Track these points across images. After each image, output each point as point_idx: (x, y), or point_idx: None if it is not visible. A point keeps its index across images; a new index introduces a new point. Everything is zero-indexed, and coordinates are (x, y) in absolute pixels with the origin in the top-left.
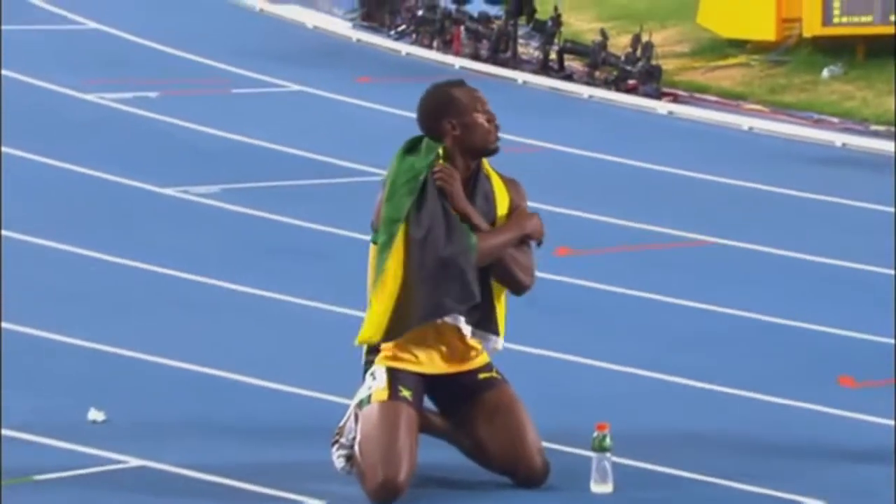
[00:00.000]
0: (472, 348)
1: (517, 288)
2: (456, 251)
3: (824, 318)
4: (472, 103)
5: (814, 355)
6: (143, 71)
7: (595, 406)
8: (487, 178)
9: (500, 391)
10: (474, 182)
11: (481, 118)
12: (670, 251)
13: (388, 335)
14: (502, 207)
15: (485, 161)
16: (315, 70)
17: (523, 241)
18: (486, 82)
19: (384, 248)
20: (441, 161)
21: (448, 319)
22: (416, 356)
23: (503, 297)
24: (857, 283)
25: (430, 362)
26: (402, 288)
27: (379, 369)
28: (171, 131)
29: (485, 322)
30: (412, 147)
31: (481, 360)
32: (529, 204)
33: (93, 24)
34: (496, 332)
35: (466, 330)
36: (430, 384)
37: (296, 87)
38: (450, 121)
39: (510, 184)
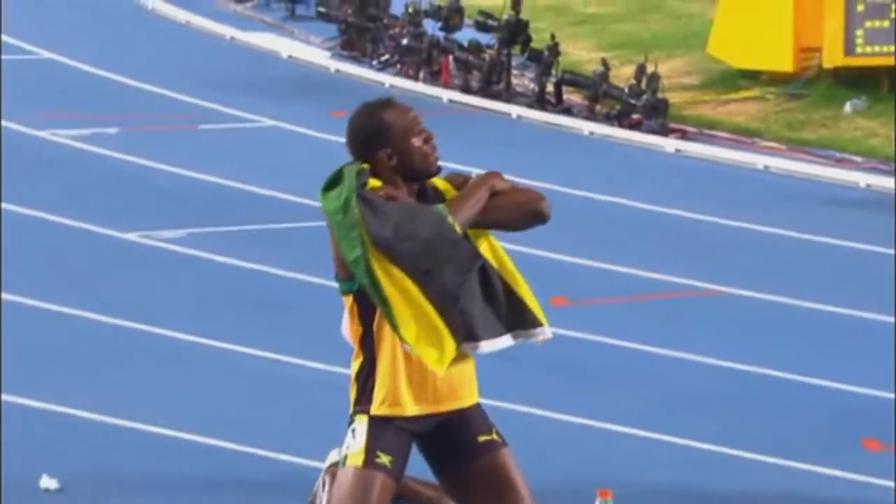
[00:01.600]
0: (467, 374)
1: (537, 217)
2: (435, 224)
3: (846, 375)
4: (408, 127)
5: (835, 415)
6: (102, 105)
7: (596, 469)
8: (435, 189)
9: (499, 458)
10: (422, 200)
11: (418, 141)
12: (677, 302)
13: (457, 335)
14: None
15: None
16: (290, 104)
17: (494, 195)
18: (477, 116)
19: (374, 288)
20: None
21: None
22: (411, 393)
23: (525, 284)
24: (883, 337)
25: (426, 399)
26: (421, 289)
27: (360, 426)
28: (133, 171)
29: (519, 321)
30: (335, 181)
31: (472, 397)
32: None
33: (47, 54)
34: (538, 324)
35: (502, 341)
36: (422, 439)
37: (269, 123)
38: (385, 151)
39: (452, 178)
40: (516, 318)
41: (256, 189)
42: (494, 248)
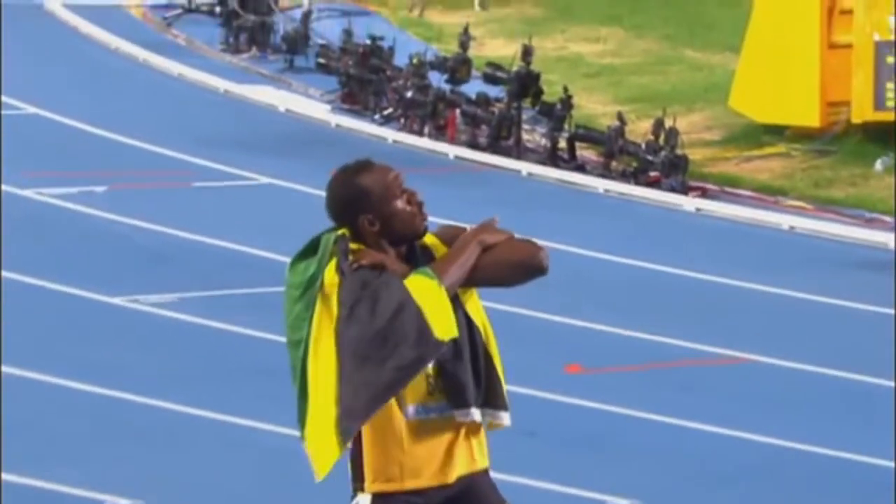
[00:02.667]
0: (475, 439)
1: (536, 271)
2: (397, 308)
3: (876, 448)
4: (389, 189)
5: (867, 491)
6: (89, 162)
7: None
8: (424, 247)
9: None
10: (411, 263)
11: (401, 203)
12: (697, 370)
13: (343, 436)
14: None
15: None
16: (287, 160)
17: (485, 251)
18: (486, 174)
19: (300, 375)
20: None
21: (433, 415)
22: (411, 468)
23: (499, 356)
24: None
25: (428, 471)
26: (339, 378)
27: (363, 501)
28: (121, 231)
29: (491, 398)
30: (309, 250)
31: (482, 463)
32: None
33: (32, 109)
34: (504, 407)
35: (472, 414)
36: None
37: (265, 180)
38: (366, 217)
39: (443, 232)
40: (490, 393)
41: (251, 250)
42: (480, 311)
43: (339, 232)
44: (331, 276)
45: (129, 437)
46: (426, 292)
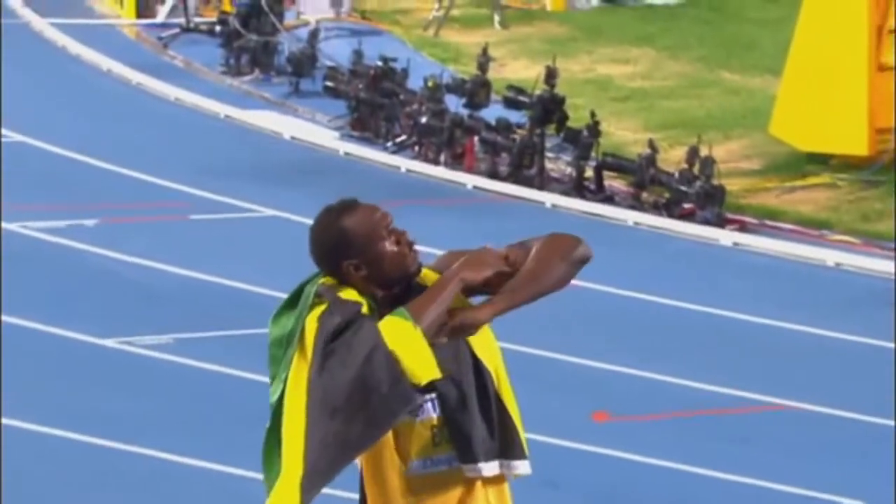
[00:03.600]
0: (493, 490)
1: (584, 261)
2: (366, 356)
3: None
4: (373, 231)
5: None
6: (78, 194)
7: None
8: (424, 287)
9: None
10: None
11: (388, 245)
12: (735, 418)
13: (305, 495)
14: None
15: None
16: (293, 191)
17: (471, 289)
18: (506, 205)
19: (272, 436)
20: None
21: (441, 468)
22: None
23: (514, 400)
24: None
25: None
26: (307, 433)
27: None
28: (113, 268)
29: (506, 447)
30: (294, 300)
31: None
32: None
33: (16, 136)
34: (521, 456)
35: (482, 469)
36: None
37: (269, 212)
38: (350, 262)
39: (445, 260)
40: (504, 443)
41: (254, 288)
42: (492, 352)
43: (321, 280)
44: (310, 325)
45: (122, 488)
46: (400, 335)
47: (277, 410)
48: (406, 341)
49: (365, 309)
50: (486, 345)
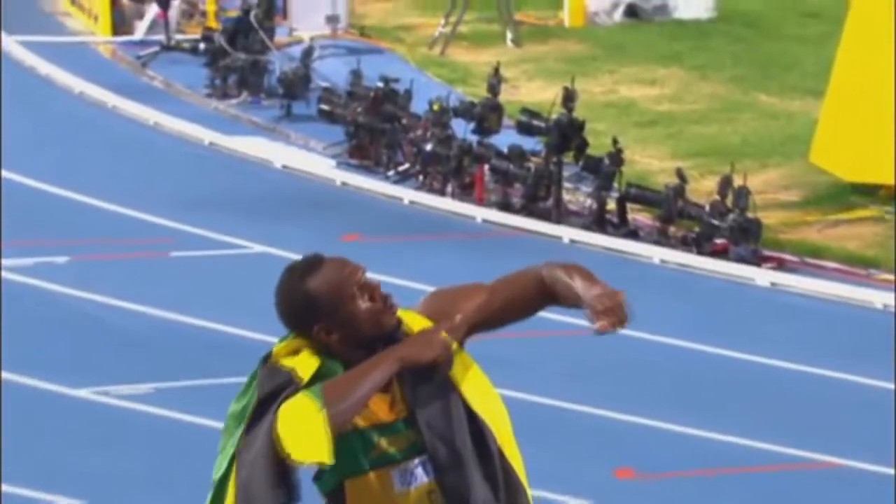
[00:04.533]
0: None
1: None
2: (255, 455)
3: None
4: (343, 291)
5: None
6: (48, 229)
7: None
8: (408, 335)
9: None
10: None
11: (361, 303)
12: (774, 476)
13: None
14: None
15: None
16: (285, 225)
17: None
18: (520, 240)
19: None
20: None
21: None
22: None
23: (517, 450)
24: None
25: None
26: None
27: None
28: (86, 310)
29: (511, 497)
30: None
31: None
32: None
33: None
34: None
35: None
36: None
37: (258, 248)
38: (321, 326)
39: (430, 306)
40: (510, 500)
41: (242, 332)
42: (491, 405)
43: (286, 342)
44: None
45: None
46: (295, 417)
47: (220, 489)
48: (299, 423)
49: (302, 373)
50: (483, 396)
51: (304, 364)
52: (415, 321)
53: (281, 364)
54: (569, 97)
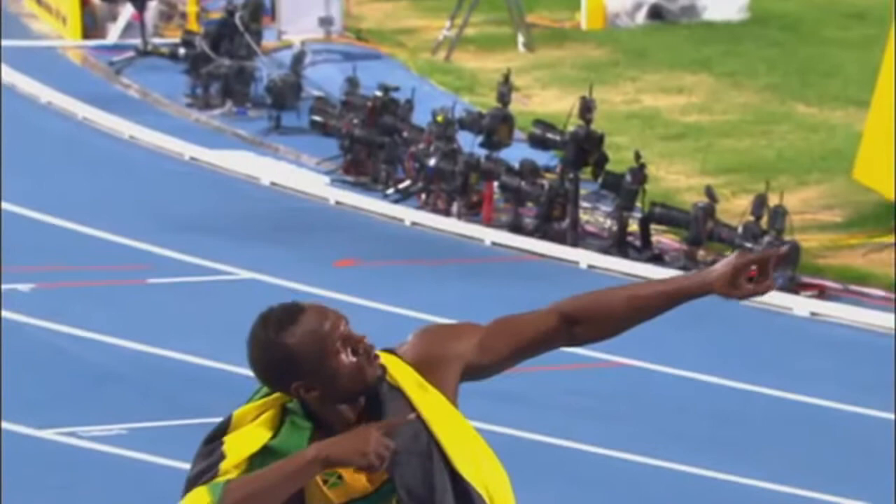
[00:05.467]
0: None
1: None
2: None
3: None
4: (323, 345)
5: None
6: (10, 254)
7: None
8: (393, 388)
9: None
10: (372, 420)
11: (344, 358)
12: None
13: None
14: (423, 399)
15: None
16: (274, 249)
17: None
18: (532, 266)
19: None
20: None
21: None
22: None
23: None
24: None
25: None
26: None
27: None
28: (53, 343)
29: None
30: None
31: None
32: None
33: None
34: None
35: None
36: None
37: (245, 275)
38: (299, 384)
39: (416, 349)
40: None
41: (226, 367)
42: (479, 460)
43: (247, 406)
44: None
45: None
46: None
47: None
48: None
49: (236, 455)
50: (469, 454)
51: (248, 440)
52: (399, 370)
53: (223, 440)
54: (586, 107)
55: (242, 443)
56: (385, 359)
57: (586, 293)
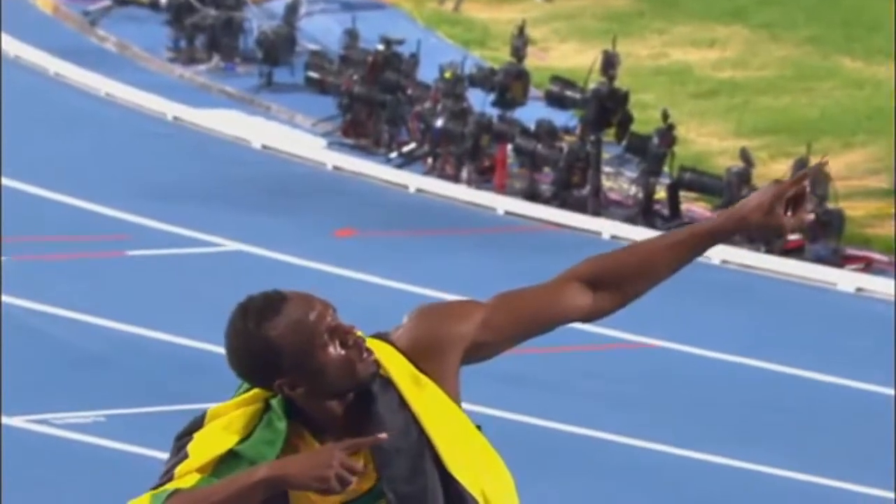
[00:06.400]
0: None
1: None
2: None
3: None
4: (310, 338)
5: None
6: None
7: None
8: (387, 384)
9: None
10: (361, 416)
11: (333, 351)
12: None
13: None
14: (416, 395)
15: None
16: (265, 218)
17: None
18: (549, 236)
19: None
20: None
21: None
22: None
23: None
24: None
25: None
26: None
27: None
28: (26, 322)
29: None
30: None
31: None
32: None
33: None
34: None
35: None
36: None
37: (232, 246)
38: (283, 381)
39: (411, 337)
40: None
41: (212, 348)
42: (475, 459)
43: (240, 393)
44: None
45: None
46: None
47: None
48: None
49: (198, 458)
50: (465, 455)
51: (214, 441)
52: (392, 361)
53: (193, 436)
54: (609, 62)
55: (207, 444)
56: (377, 348)
57: (600, 254)
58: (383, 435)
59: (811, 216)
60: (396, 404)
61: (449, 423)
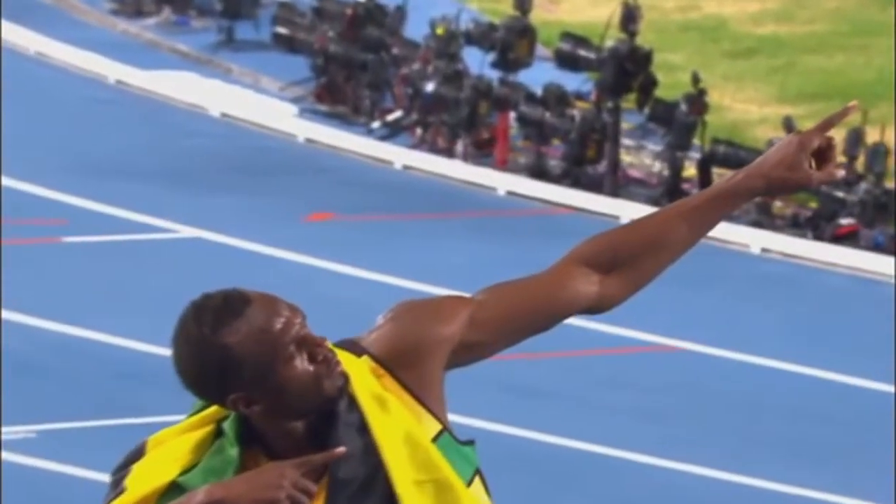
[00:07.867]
0: None
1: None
2: None
3: None
4: (275, 349)
5: None
6: None
7: None
8: (352, 402)
9: None
10: (325, 438)
11: (300, 364)
12: None
13: None
14: (380, 419)
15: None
16: (225, 199)
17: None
18: (559, 221)
19: None
20: None
21: None
22: None
23: None
24: None
25: None
26: None
27: None
28: None
29: None
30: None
31: None
32: None
33: None
34: None
35: None
36: None
37: (188, 232)
38: (238, 396)
39: (385, 343)
40: None
41: (162, 351)
42: (436, 497)
43: (198, 412)
44: None
45: None
46: None
47: None
48: None
49: (136, 492)
50: (425, 495)
51: (154, 472)
52: (357, 377)
53: (132, 469)
54: (630, 16)
55: (147, 475)
56: (344, 360)
57: (603, 232)
58: (341, 449)
59: (842, 171)
60: (356, 428)
61: (412, 458)
